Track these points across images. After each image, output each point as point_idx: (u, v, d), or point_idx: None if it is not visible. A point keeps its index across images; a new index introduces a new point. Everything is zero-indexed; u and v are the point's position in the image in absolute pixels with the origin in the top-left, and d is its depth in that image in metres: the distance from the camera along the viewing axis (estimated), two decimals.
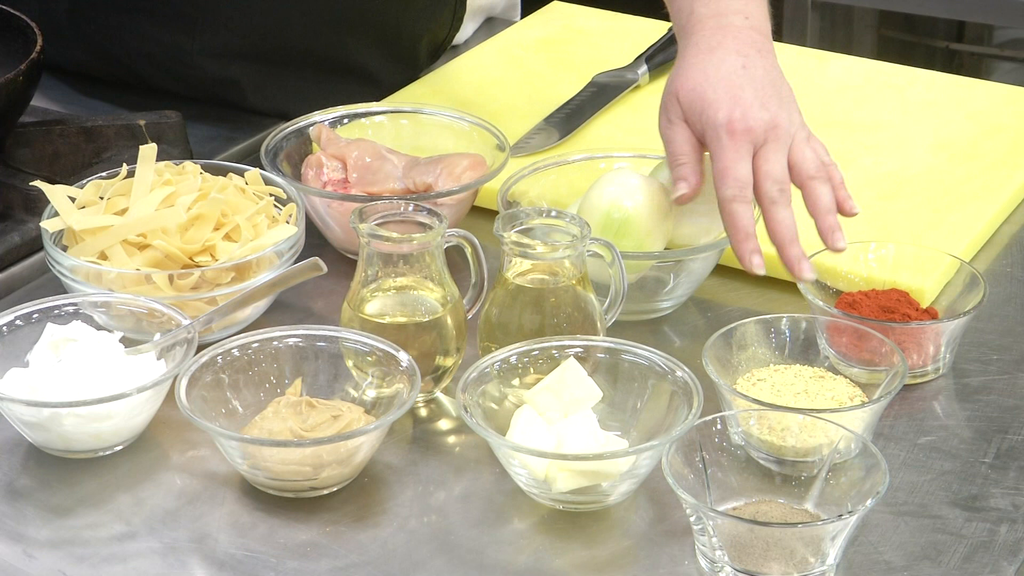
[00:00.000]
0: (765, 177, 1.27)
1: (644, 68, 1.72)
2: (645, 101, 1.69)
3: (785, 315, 1.28)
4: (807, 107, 1.66)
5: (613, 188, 1.34)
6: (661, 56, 1.73)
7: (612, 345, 1.23)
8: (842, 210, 1.29)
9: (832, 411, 1.19)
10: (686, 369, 1.20)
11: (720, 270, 1.40)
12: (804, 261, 1.26)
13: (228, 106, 1.70)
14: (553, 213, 1.27)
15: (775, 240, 1.27)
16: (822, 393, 1.23)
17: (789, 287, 1.37)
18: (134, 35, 1.68)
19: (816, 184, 1.28)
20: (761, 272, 1.25)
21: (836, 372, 1.26)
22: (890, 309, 1.31)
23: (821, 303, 1.29)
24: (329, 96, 1.54)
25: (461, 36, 1.84)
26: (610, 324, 1.29)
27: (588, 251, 1.27)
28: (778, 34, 1.74)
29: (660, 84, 1.70)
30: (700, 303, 1.40)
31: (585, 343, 1.23)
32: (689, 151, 1.31)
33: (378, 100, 1.59)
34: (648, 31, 1.81)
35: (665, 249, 1.35)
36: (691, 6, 1.37)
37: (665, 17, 1.45)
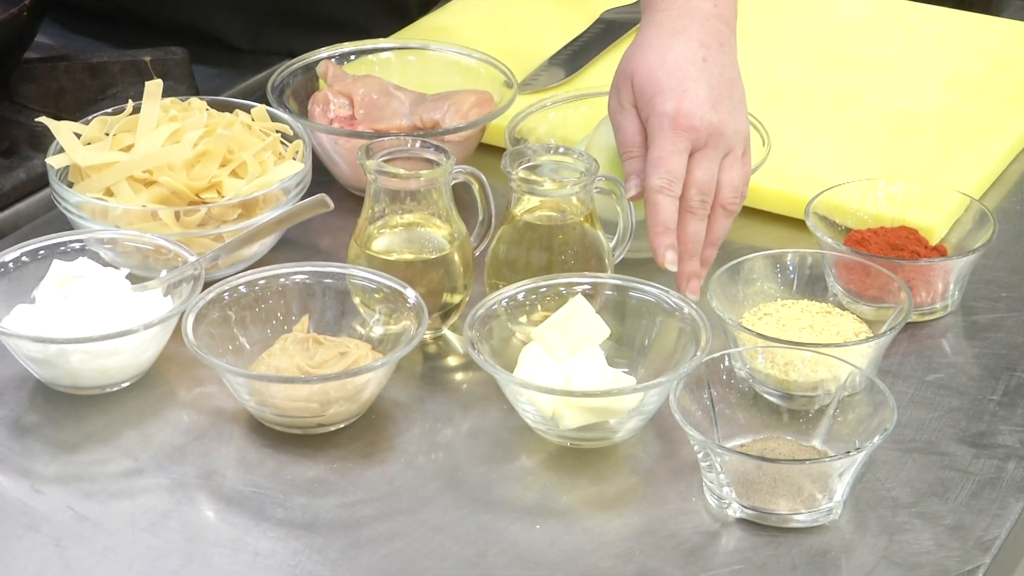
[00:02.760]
0: (692, 183, 1.25)
1: None
2: None
3: (792, 250, 1.28)
4: (817, 44, 1.66)
5: None
6: None
7: (620, 282, 1.23)
8: (703, 255, 1.26)
9: (835, 346, 1.19)
10: (694, 306, 1.19)
11: None
12: (695, 281, 1.24)
13: (232, 48, 1.70)
14: (561, 150, 1.26)
15: (679, 247, 1.25)
16: (828, 328, 1.23)
17: (797, 224, 1.37)
18: None
19: (719, 217, 1.26)
20: (673, 268, 1.23)
21: (843, 308, 1.26)
22: (899, 246, 1.30)
23: (830, 240, 1.29)
24: (318, 45, 1.53)
25: None
26: (618, 261, 1.29)
27: (596, 188, 1.26)
28: None
29: None
30: None
31: (593, 280, 1.23)
32: (641, 143, 1.27)
33: None
34: None
35: None
36: None
37: None
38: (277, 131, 1.39)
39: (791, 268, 1.28)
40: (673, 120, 1.24)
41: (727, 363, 1.16)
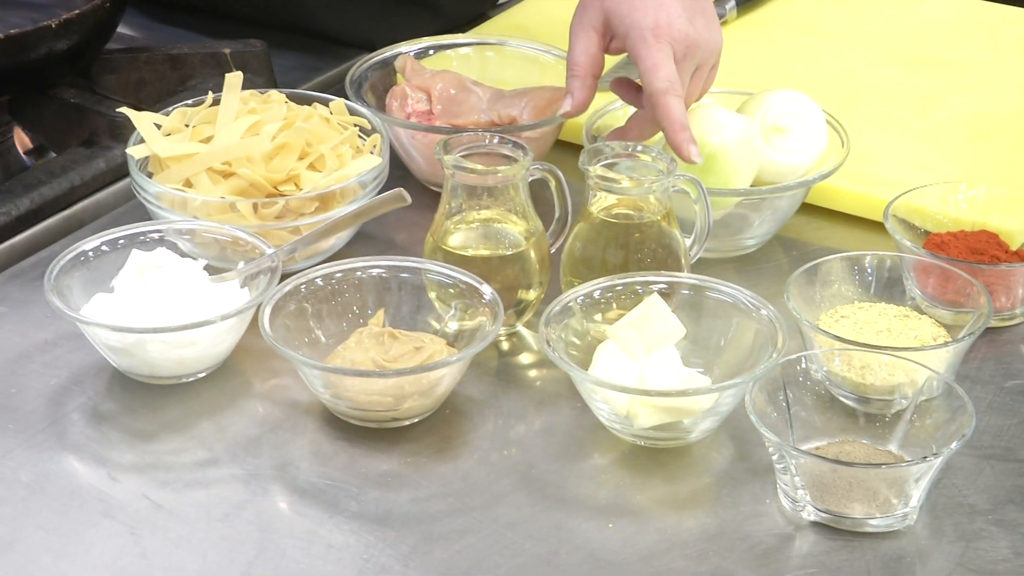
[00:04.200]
0: None
1: (732, 3, 1.70)
2: (733, 37, 1.66)
3: (870, 252, 1.27)
4: (898, 46, 1.65)
5: (699, 124, 1.33)
6: None
7: (696, 282, 1.22)
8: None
9: (913, 350, 1.18)
10: (771, 307, 1.19)
11: (806, 208, 1.38)
12: (693, 145, 1.29)
13: (312, 35, 1.70)
14: (639, 148, 1.26)
15: (665, 125, 1.30)
16: (906, 332, 1.22)
17: (876, 227, 1.36)
18: None
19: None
20: (698, 161, 1.27)
21: (921, 312, 1.25)
22: (979, 251, 1.29)
23: (909, 243, 1.28)
24: (395, 25, 1.53)
25: None
26: (694, 261, 1.29)
27: (674, 187, 1.26)
28: None
29: (748, 20, 1.69)
30: (785, 241, 1.39)
31: (669, 279, 1.23)
32: (586, 64, 1.34)
33: (445, 32, 1.58)
34: None
35: (751, 186, 1.34)
36: None
37: None
38: (355, 125, 1.39)
39: (869, 270, 1.27)
40: (653, 31, 1.29)
41: (803, 365, 1.16)
